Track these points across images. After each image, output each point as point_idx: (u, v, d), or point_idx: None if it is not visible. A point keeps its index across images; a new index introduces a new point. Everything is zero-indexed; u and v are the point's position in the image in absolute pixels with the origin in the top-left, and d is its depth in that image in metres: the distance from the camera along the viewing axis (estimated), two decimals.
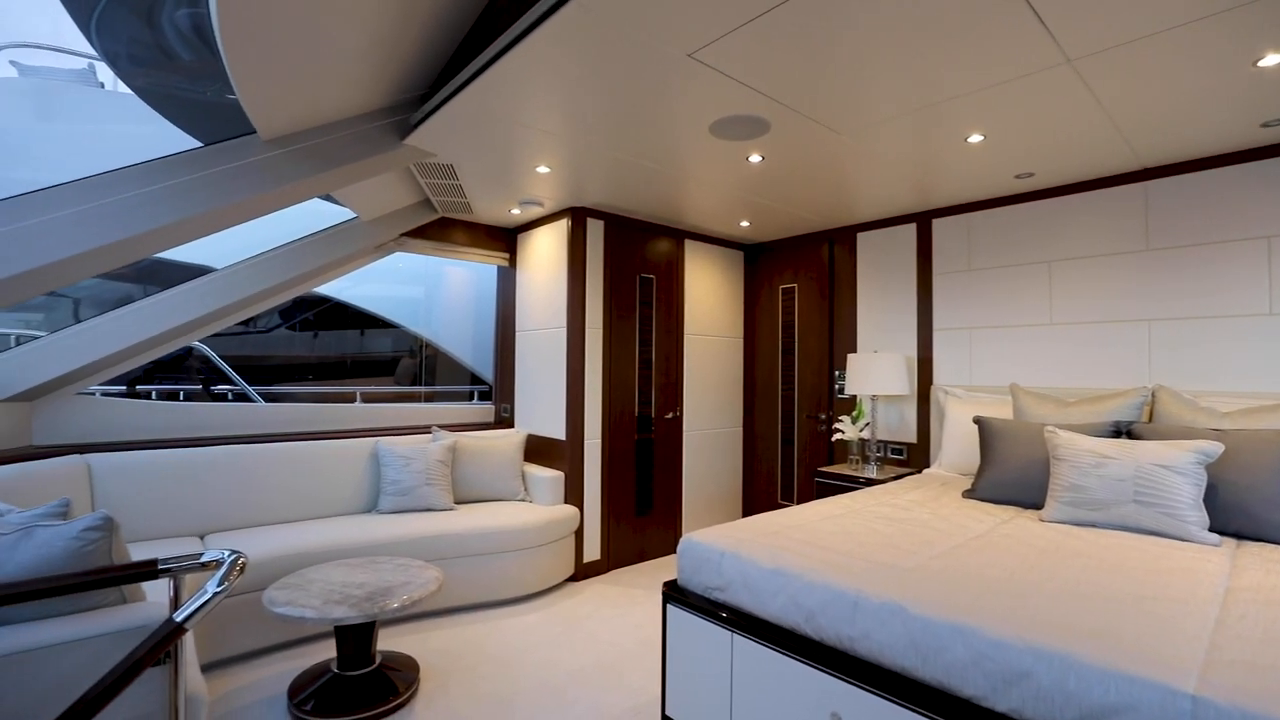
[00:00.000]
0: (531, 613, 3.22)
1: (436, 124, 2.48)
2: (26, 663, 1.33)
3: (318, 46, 2.00)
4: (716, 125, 2.49)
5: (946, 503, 2.62)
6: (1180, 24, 1.75)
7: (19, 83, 6.97)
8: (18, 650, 1.33)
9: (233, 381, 4.80)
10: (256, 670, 2.58)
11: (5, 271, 1.93)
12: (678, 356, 4.29)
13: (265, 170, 2.36)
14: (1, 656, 1.31)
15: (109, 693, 1.27)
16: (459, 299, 5.59)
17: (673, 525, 4.26)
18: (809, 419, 4.32)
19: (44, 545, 1.43)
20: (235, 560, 1.42)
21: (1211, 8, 1.68)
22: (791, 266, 4.49)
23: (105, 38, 4.58)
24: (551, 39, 1.85)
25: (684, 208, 3.78)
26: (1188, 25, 1.76)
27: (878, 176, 3.11)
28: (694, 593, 2.08)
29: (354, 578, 2.44)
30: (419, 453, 3.48)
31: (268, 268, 3.34)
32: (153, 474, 2.95)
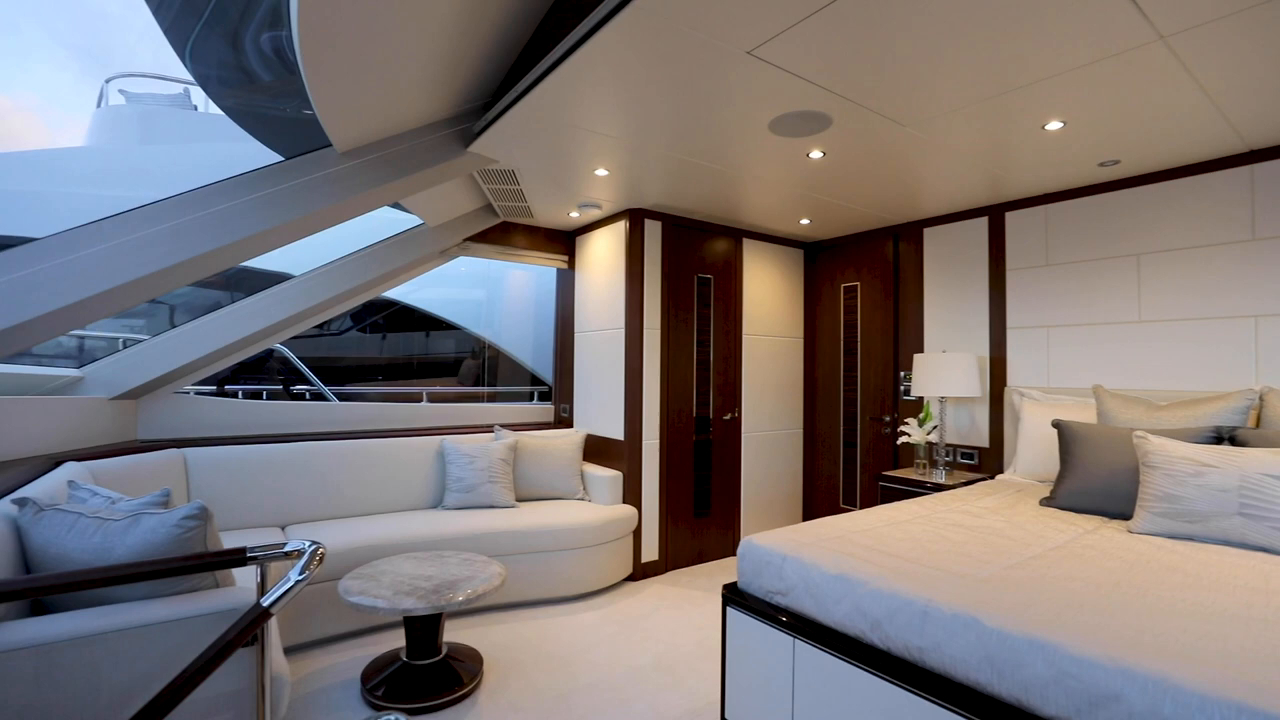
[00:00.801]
0: (590, 611, 3.25)
1: (498, 131, 2.54)
2: (135, 638, 1.45)
3: (388, 63, 2.09)
4: (776, 122, 2.46)
5: (1023, 510, 2.48)
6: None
7: (126, 109, 7.61)
8: (129, 626, 1.44)
9: (310, 382, 5.07)
10: (331, 655, 2.71)
11: (118, 280, 2.10)
12: (736, 357, 4.25)
13: (340, 181, 2.49)
14: (115, 632, 1.43)
15: (205, 669, 1.36)
16: (519, 301, 5.72)
17: (731, 527, 4.22)
18: (872, 421, 4.19)
19: (150, 531, 1.55)
20: (315, 551, 1.50)
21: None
22: (854, 264, 4.37)
23: (198, 63, 4.94)
24: (609, 43, 1.87)
25: (742, 207, 3.74)
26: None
27: (946, 169, 2.99)
28: (754, 596, 2.05)
29: (422, 570, 2.53)
30: (482, 451, 3.59)
31: (341, 273, 3.52)
32: (239, 467, 3.15)
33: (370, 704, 2.32)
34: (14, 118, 36.95)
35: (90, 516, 1.60)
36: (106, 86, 7.80)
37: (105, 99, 7.74)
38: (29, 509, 1.60)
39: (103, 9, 35.28)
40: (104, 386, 3.05)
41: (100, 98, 7.79)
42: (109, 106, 7.66)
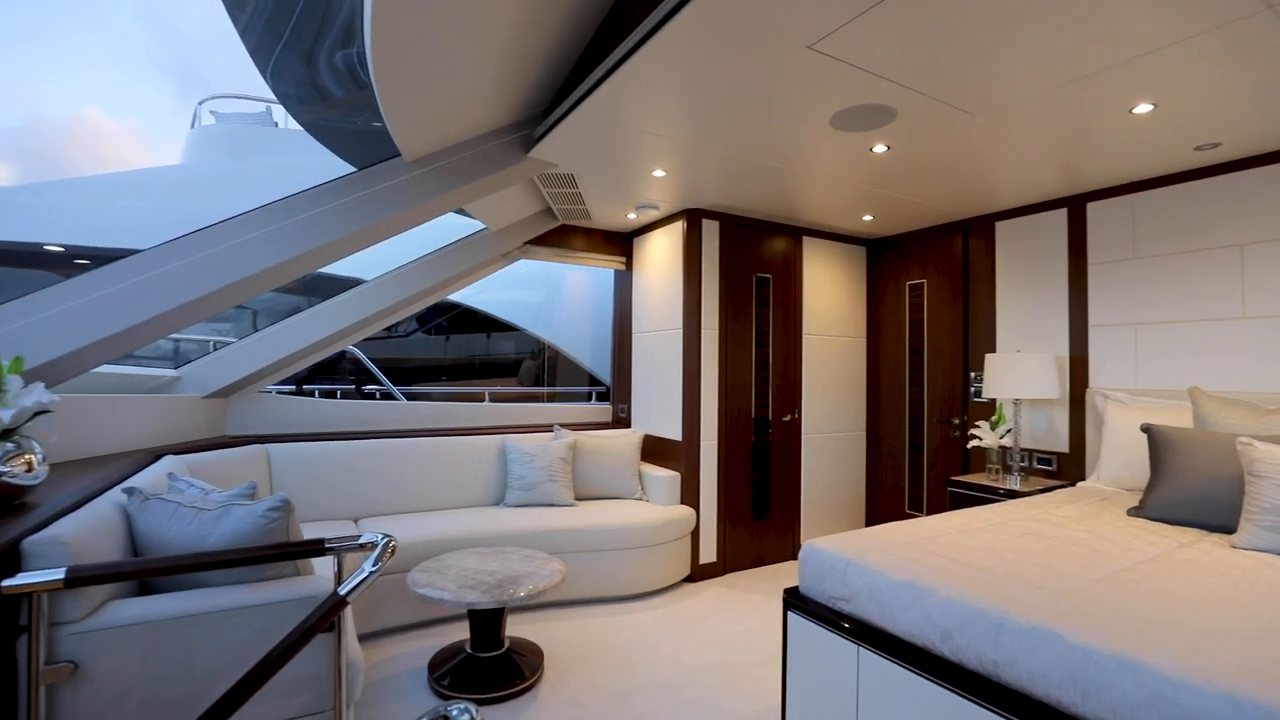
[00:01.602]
0: (648, 610, 3.26)
1: (558, 136, 2.59)
2: (226, 620, 1.55)
3: (454, 75, 2.16)
4: (838, 117, 2.40)
5: (1108, 520, 2.33)
6: None
7: (215, 129, 8.18)
8: (221, 609, 1.55)
9: (380, 382, 5.30)
10: (399, 645, 2.82)
11: (210, 287, 2.26)
12: (796, 357, 4.17)
13: (409, 189, 2.59)
14: (210, 613, 1.53)
15: (288, 653, 1.45)
16: (577, 302, 5.80)
17: (791, 531, 4.14)
18: (940, 424, 4.03)
19: (238, 521, 1.66)
20: (387, 543, 1.56)
21: None
22: (920, 261, 4.21)
23: (278, 81, 5.25)
24: (668, 44, 1.87)
25: (802, 204, 3.67)
26: None
27: (1020, 159, 2.84)
28: (816, 601, 2.00)
29: (485, 565, 2.60)
30: (542, 450, 3.65)
31: (409, 277, 3.66)
32: (316, 462, 3.32)
33: (437, 693, 2.40)
34: (119, 140, 40.35)
35: (187, 506, 1.73)
36: (199, 108, 8.41)
37: (198, 120, 8.35)
38: (136, 498, 1.74)
39: (197, 36, 37.96)
40: (197, 386, 3.28)
41: (194, 118, 8.41)
42: (201, 126, 8.25)
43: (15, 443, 1.57)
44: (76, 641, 1.40)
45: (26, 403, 1.58)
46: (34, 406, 1.59)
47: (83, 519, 1.54)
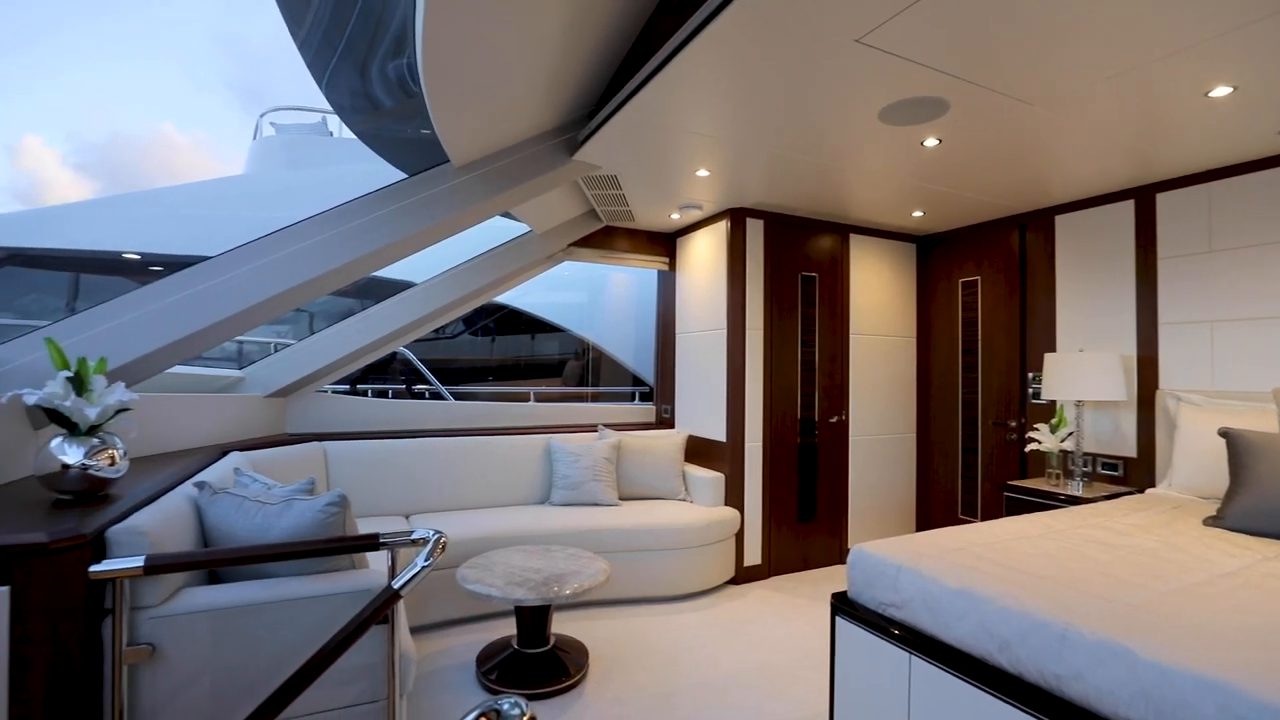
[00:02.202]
0: (692, 612, 3.25)
1: (602, 138, 2.61)
2: (288, 609, 1.62)
3: (501, 81, 2.20)
4: (887, 111, 2.34)
5: (1181, 530, 2.20)
6: None
7: (275, 140, 8.56)
8: (282, 599, 1.62)
9: (429, 382, 5.45)
10: (448, 638, 2.89)
11: (273, 291, 2.37)
12: (843, 358, 4.08)
13: (457, 194, 2.65)
14: (273, 602, 1.61)
15: (345, 643, 1.50)
16: (620, 303, 5.83)
17: (838, 535, 4.06)
18: (995, 426, 3.88)
19: (299, 515, 1.73)
20: (439, 539, 1.61)
21: None
22: (973, 257, 4.07)
23: (333, 92, 5.46)
24: (712, 43, 1.86)
25: (849, 201, 3.60)
26: None
27: (1082, 149, 2.71)
28: (866, 607, 1.96)
29: (531, 563, 2.64)
30: (586, 450, 3.69)
31: (457, 280, 3.75)
32: (369, 460, 3.44)
33: (485, 687, 2.45)
34: (189, 153, 42.73)
35: (252, 500, 1.81)
36: (260, 120, 8.81)
37: (259, 131, 8.75)
38: (206, 491, 1.84)
39: (260, 52, 39.82)
40: (259, 385, 3.44)
41: (255, 130, 8.82)
42: (262, 138, 8.65)
43: (100, 438, 1.67)
44: (154, 625, 1.48)
45: (110, 401, 1.68)
46: (116, 404, 1.70)
47: (159, 510, 1.63)
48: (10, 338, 2.03)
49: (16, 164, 72.16)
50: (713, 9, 1.74)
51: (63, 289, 7.36)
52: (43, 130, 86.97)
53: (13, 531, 1.33)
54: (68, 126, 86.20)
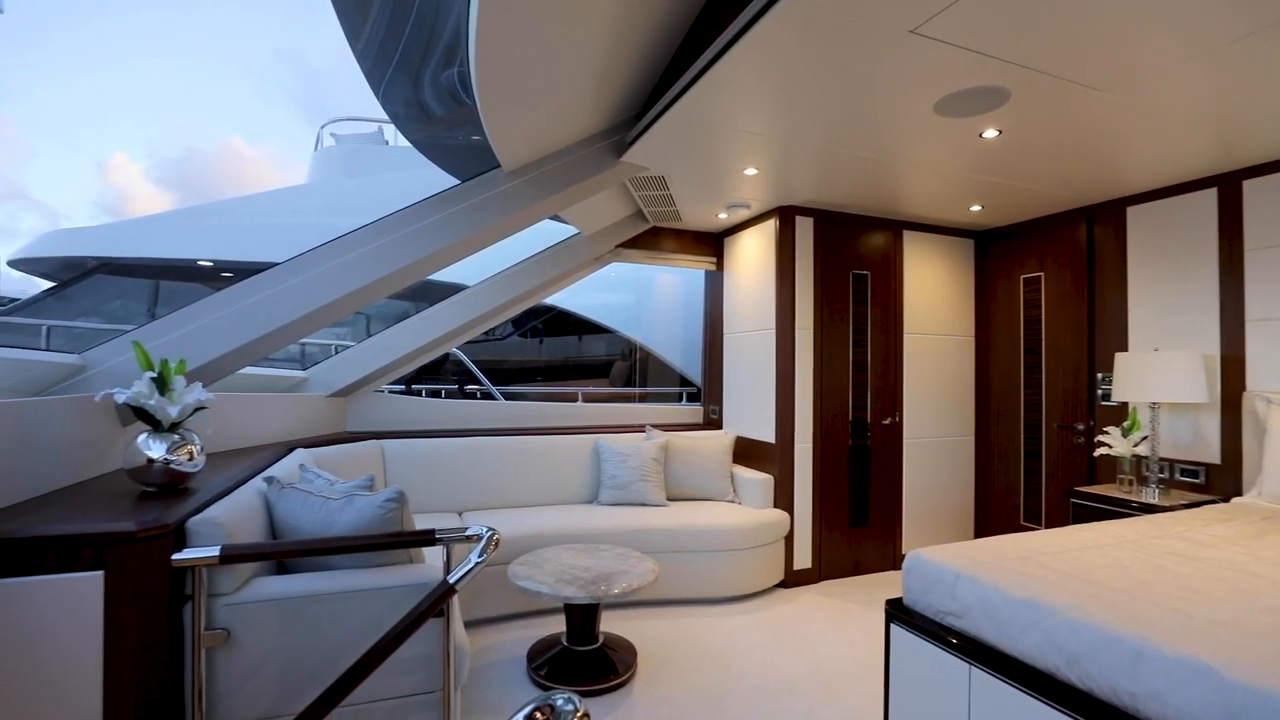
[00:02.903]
0: (741, 614, 3.22)
1: (650, 139, 2.61)
2: (349, 601, 1.69)
3: (550, 87, 2.24)
4: (943, 103, 2.26)
5: (1274, 543, 2.05)
6: None
7: (335, 150, 8.93)
8: (345, 590, 1.69)
9: (480, 382, 5.58)
10: (499, 634, 2.95)
11: (335, 294, 2.47)
12: (896, 358, 3.97)
13: (508, 198, 2.71)
14: (337, 593, 1.68)
15: (403, 635, 1.56)
16: (668, 303, 5.82)
17: (891, 540, 3.95)
18: (1061, 429, 3.70)
19: (360, 510, 1.80)
20: (492, 536, 1.65)
21: None
22: (1036, 253, 3.89)
23: (389, 102, 5.65)
24: (761, 39, 1.84)
25: (902, 196, 3.50)
26: None
27: (1157, 136, 2.56)
28: (922, 615, 1.90)
29: (580, 561, 2.67)
30: (634, 450, 3.70)
31: (508, 282, 3.83)
32: (424, 458, 3.54)
33: (535, 682, 2.49)
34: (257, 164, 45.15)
35: (316, 495, 1.89)
36: (321, 131, 9.20)
37: (320, 142, 9.14)
38: (275, 486, 1.94)
39: (321, 66, 41.73)
40: (322, 386, 3.60)
41: (317, 141, 9.21)
42: (323, 148, 9.03)
43: (180, 435, 1.78)
44: (229, 612, 1.57)
45: (189, 400, 1.79)
46: (195, 403, 1.81)
47: (232, 503, 1.73)
48: (101, 341, 2.18)
49: (106, 179, 78.10)
50: (761, 6, 1.72)
51: (145, 295, 7.88)
52: (128, 148, 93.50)
53: (105, 520, 1.43)
54: (149, 143, 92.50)
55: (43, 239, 7.70)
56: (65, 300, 7.42)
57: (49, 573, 1.34)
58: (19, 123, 50.81)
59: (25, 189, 72.52)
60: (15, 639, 1.31)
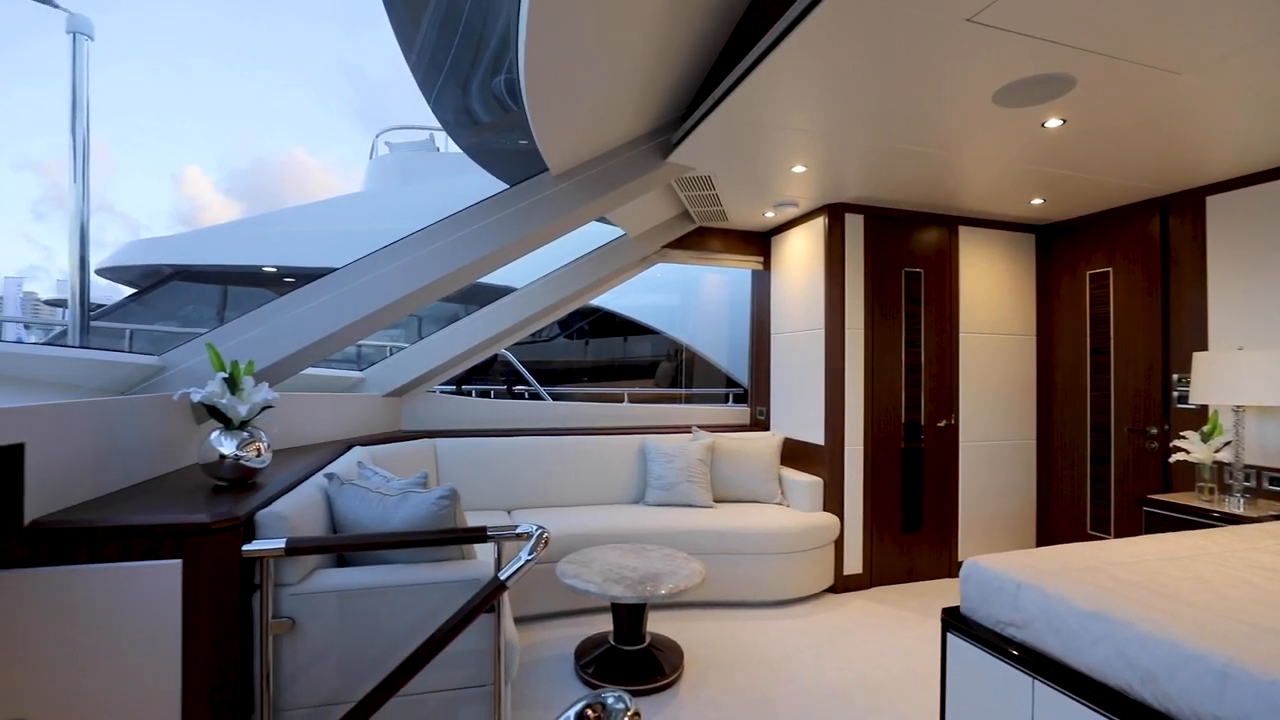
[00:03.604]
0: (789, 619, 3.17)
1: (696, 139, 2.61)
2: (404, 594, 1.74)
3: (597, 91, 2.26)
4: (1002, 93, 2.18)
5: None
6: None
7: (389, 158, 9.23)
8: (400, 584, 1.74)
9: (528, 382, 5.67)
10: (547, 631, 2.99)
11: (391, 298, 2.56)
12: (951, 358, 3.84)
13: (555, 201, 2.74)
14: (392, 587, 1.73)
15: (456, 629, 1.60)
16: (714, 303, 5.79)
17: (947, 546, 3.82)
18: (1132, 434, 3.50)
19: (415, 507, 1.86)
20: (541, 534, 1.67)
21: None
22: (1103, 247, 3.69)
23: (441, 109, 5.81)
24: (810, 35, 1.81)
25: (958, 191, 3.38)
26: None
27: (1241, 120, 2.39)
28: (981, 625, 1.83)
29: (627, 561, 2.68)
30: (680, 451, 3.69)
31: (555, 284, 3.88)
32: (474, 456, 3.62)
33: (583, 680, 2.51)
34: (318, 174, 47.28)
35: (374, 491, 1.96)
36: (376, 140, 9.54)
37: (375, 151, 9.48)
38: (335, 482, 2.02)
39: (380, 78, 43.43)
40: (378, 386, 3.72)
41: (372, 150, 9.56)
42: (378, 157, 9.36)
43: (249, 432, 1.88)
44: (294, 601, 1.64)
45: (257, 399, 1.88)
46: (262, 402, 1.90)
47: (296, 498, 1.81)
48: (177, 344, 2.32)
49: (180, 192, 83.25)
50: (808, 2, 1.70)
51: (214, 300, 8.33)
52: (201, 161, 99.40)
53: (183, 512, 1.52)
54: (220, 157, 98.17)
55: (125, 249, 8.25)
56: (145, 305, 7.93)
57: (136, 559, 1.43)
58: (105, 140, 54.97)
59: (111, 202, 77.94)
60: (107, 619, 1.41)
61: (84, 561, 1.41)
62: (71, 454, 1.56)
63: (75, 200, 2.28)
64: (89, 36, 2.26)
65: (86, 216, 2.32)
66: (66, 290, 2.44)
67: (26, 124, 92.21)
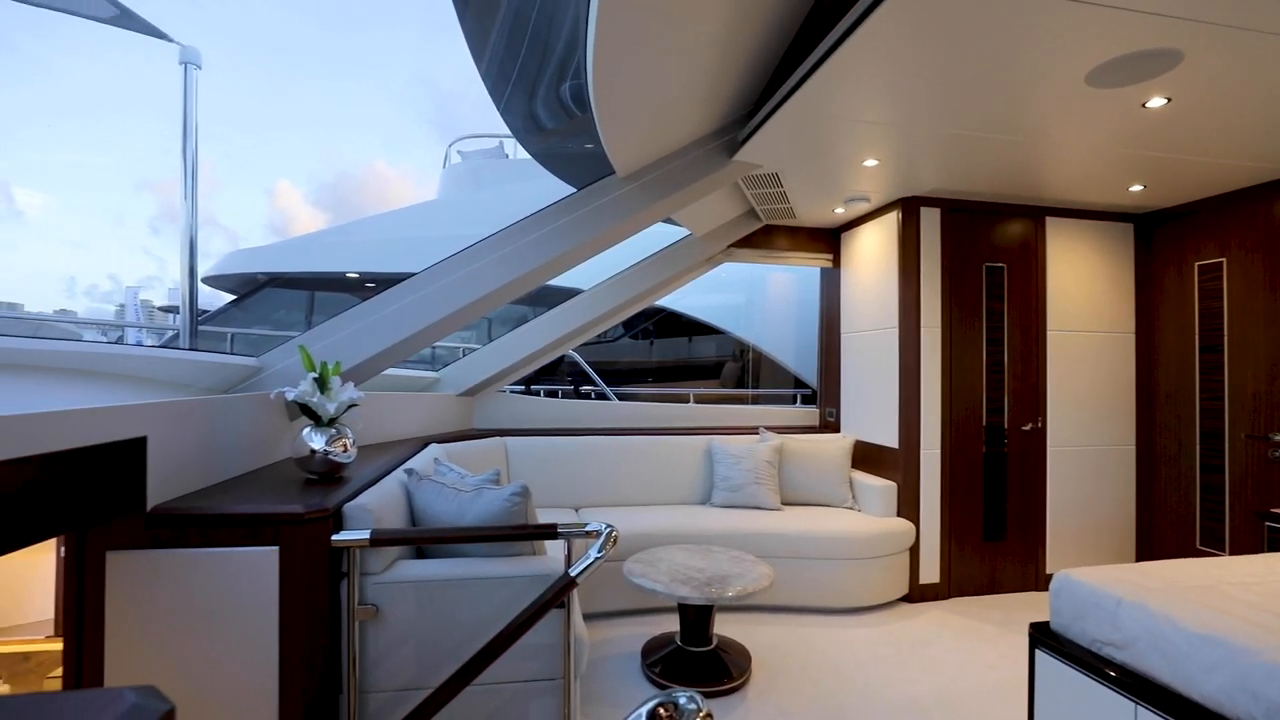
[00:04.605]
0: (861, 627, 3.07)
1: (763, 136, 2.57)
2: (478, 587, 1.80)
3: (664, 93, 2.26)
4: (1097, 73, 2.03)
5: None
6: None
7: (461, 166, 9.58)
8: (475, 577, 1.81)
9: (595, 383, 5.74)
10: (613, 628, 3.02)
11: (465, 301, 2.65)
12: (1038, 357, 3.61)
13: (622, 203, 2.77)
14: (467, 579, 1.80)
15: (528, 622, 1.64)
16: (780, 302, 5.69)
17: (1033, 558, 3.59)
18: (1249, 440, 3.18)
19: (488, 503, 1.92)
20: (610, 532, 1.69)
21: None
22: (1215, 236, 3.38)
23: (510, 116, 5.98)
24: (884, 25, 1.75)
25: (1045, 180, 3.18)
26: None
27: None
28: (1074, 642, 1.71)
29: (693, 562, 2.67)
30: (747, 452, 3.65)
31: (621, 286, 3.92)
32: (543, 455, 3.71)
33: (649, 679, 2.52)
34: (397, 184, 49.78)
35: (450, 487, 2.04)
36: (449, 150, 9.91)
37: (448, 160, 9.85)
38: (414, 477, 2.11)
39: (452, 89, 45.28)
40: (452, 386, 3.87)
41: (445, 159, 9.94)
42: (450, 165, 9.73)
43: (337, 429, 1.99)
44: (377, 590, 1.73)
45: (344, 398, 2.00)
46: (348, 401, 2.01)
47: (379, 492, 1.90)
48: (270, 346, 2.49)
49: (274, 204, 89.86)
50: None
51: (302, 305, 8.90)
52: (291, 175, 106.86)
53: (280, 503, 1.63)
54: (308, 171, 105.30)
55: (226, 259, 8.94)
56: (244, 310, 8.57)
57: (239, 545, 1.55)
58: (210, 159, 60.68)
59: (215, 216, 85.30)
60: (215, 598, 1.53)
61: (195, 545, 1.54)
62: (184, 447, 1.70)
63: (185, 216, 2.49)
64: (197, 66, 2.46)
65: (195, 230, 2.53)
66: (178, 298, 2.65)
67: (146, 148, 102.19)
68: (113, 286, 30.61)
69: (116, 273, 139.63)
